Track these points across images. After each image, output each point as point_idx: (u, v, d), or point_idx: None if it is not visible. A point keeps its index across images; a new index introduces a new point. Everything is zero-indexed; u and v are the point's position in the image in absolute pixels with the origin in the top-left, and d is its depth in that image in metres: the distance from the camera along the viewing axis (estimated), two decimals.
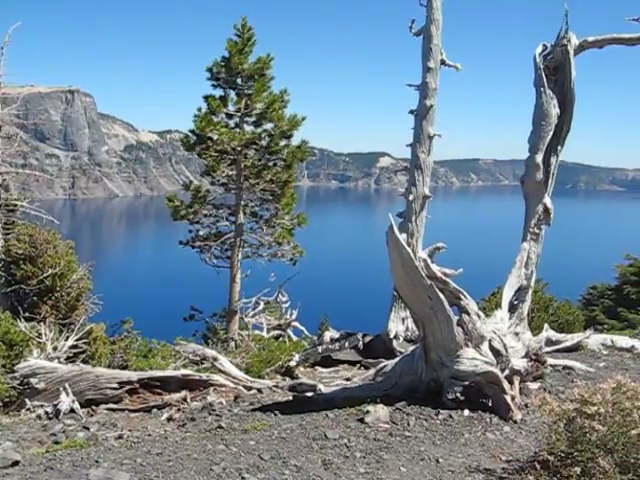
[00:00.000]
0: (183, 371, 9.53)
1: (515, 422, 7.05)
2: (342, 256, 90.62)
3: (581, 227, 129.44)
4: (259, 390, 8.93)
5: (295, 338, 18.66)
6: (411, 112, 11.99)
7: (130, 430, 7.14)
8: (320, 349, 11.49)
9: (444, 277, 7.18)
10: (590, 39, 9.40)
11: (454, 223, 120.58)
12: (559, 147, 8.91)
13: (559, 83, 9.10)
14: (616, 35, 9.45)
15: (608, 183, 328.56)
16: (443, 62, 12.11)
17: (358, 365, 10.97)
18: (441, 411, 7.12)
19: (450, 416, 7.04)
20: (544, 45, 9.36)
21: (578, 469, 4.57)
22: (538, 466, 4.92)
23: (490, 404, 7.34)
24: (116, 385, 8.51)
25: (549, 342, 10.41)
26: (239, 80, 18.79)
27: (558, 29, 9.31)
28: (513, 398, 7.30)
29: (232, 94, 19.13)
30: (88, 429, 7.23)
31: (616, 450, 4.62)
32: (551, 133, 8.71)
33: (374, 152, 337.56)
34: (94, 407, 8.27)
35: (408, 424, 6.81)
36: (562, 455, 4.90)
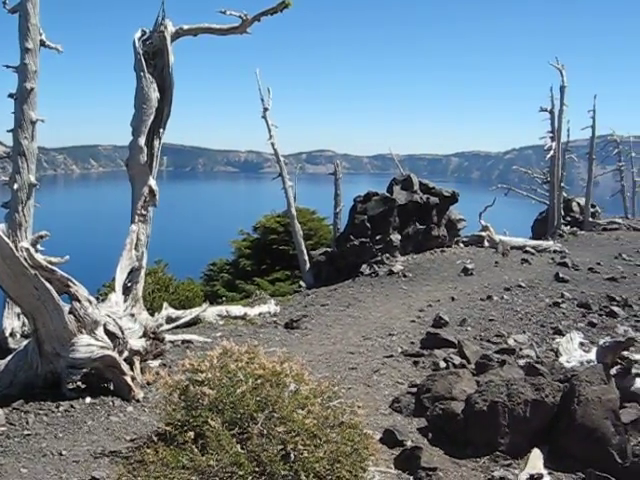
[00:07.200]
0: None
1: (138, 401, 7.18)
2: None
3: (202, 207, 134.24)
4: None
5: None
6: (10, 96, 11.21)
7: None
8: None
9: (50, 266, 6.96)
10: (185, 27, 9.78)
11: (76, 210, 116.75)
12: (161, 130, 9.18)
13: (158, 68, 9.33)
14: (208, 25, 9.97)
15: (224, 165, 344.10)
16: (43, 43, 11.51)
17: None
18: (62, 403, 6.92)
19: (72, 406, 6.90)
20: (143, 30, 9.50)
21: (192, 433, 4.80)
22: (156, 438, 5.07)
23: (112, 388, 7.35)
24: None
25: (170, 320, 10.71)
26: None
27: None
28: (134, 378, 7.41)
29: None
30: None
31: (226, 410, 4.95)
32: (152, 116, 8.91)
33: None
34: None
35: (27, 422, 6.49)
36: (179, 424, 5.11)
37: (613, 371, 7.18)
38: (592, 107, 30.12)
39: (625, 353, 7.63)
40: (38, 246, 8.60)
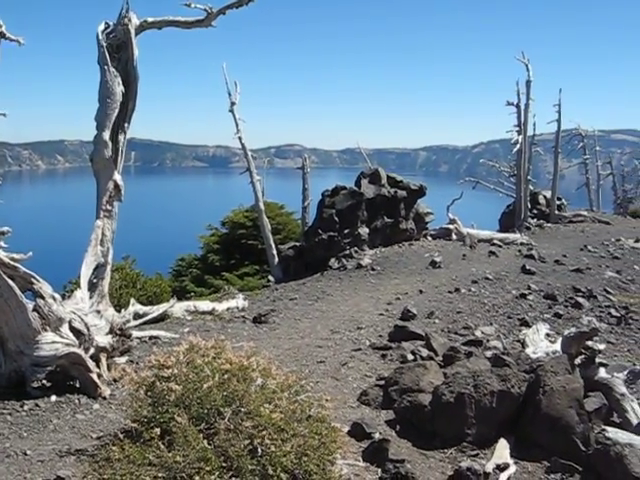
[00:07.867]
0: None
1: (104, 398, 7.09)
2: None
3: (170, 203, 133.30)
4: None
5: None
6: None
7: None
8: None
9: (12, 262, 6.85)
10: (149, 20, 9.64)
11: (41, 206, 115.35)
12: (126, 124, 9.03)
13: (123, 61, 9.19)
14: (172, 18, 9.85)
15: (192, 159, 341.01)
16: (3, 35, 11.31)
17: None
18: (26, 402, 6.80)
19: (37, 405, 6.78)
20: (106, 23, 9.34)
21: (158, 430, 4.76)
22: (122, 435, 5.02)
23: (78, 385, 7.26)
24: None
25: (137, 316, 10.60)
26: None
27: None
28: (100, 375, 7.32)
29: None
30: None
31: (192, 405, 4.93)
32: (117, 110, 8.77)
33: None
34: None
35: None
36: (146, 420, 5.07)
37: (577, 361, 7.28)
38: (557, 101, 30.47)
39: (589, 343, 7.74)
40: (0, 243, 8.46)
